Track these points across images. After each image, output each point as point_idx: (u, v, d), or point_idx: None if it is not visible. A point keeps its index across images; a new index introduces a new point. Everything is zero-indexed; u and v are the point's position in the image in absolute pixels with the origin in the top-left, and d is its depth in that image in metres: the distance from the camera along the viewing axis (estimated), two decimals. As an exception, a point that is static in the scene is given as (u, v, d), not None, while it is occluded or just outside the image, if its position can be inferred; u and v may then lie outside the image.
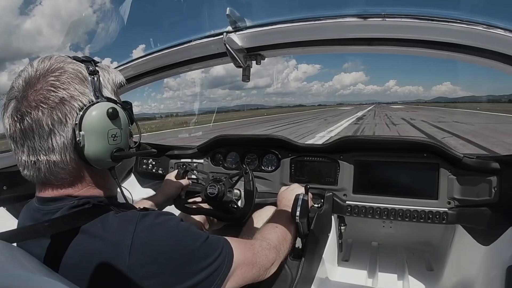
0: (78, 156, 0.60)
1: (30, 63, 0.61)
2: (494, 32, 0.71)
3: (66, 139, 0.58)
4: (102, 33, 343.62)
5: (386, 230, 1.88)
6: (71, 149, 0.59)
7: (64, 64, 0.60)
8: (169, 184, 1.31)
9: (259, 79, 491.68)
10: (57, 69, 0.59)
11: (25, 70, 0.59)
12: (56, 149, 0.58)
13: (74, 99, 0.58)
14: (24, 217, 0.68)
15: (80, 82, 0.60)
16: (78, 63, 0.63)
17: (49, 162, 0.58)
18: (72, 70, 0.60)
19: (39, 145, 0.57)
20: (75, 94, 0.59)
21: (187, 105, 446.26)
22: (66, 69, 0.60)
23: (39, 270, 0.52)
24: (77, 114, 0.58)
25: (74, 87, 0.59)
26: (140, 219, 0.59)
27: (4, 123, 0.59)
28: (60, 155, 0.58)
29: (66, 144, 0.58)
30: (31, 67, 0.59)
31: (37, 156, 0.58)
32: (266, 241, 0.88)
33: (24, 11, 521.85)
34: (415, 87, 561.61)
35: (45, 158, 0.58)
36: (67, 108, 0.58)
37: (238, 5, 0.93)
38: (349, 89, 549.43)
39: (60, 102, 0.57)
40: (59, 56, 0.62)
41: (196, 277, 0.59)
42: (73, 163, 0.60)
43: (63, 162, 0.59)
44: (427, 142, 1.34)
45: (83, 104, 0.59)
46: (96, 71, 0.64)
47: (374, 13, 0.77)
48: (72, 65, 0.61)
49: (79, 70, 0.61)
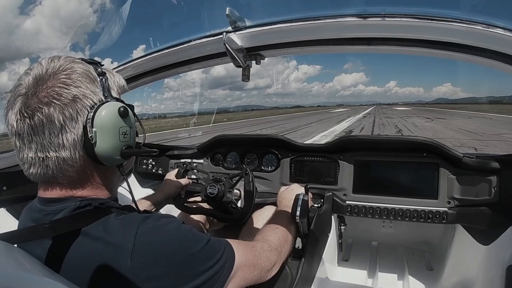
0: (86, 154, 0.61)
1: (39, 62, 0.61)
2: (494, 32, 0.71)
3: (76, 136, 0.59)
4: (102, 34, 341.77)
5: (386, 230, 1.88)
6: (81, 146, 0.60)
7: (73, 64, 0.62)
8: (169, 183, 1.31)
9: (260, 79, 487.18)
10: (68, 68, 0.60)
11: (35, 68, 0.60)
12: (66, 145, 0.58)
13: (86, 97, 0.60)
14: (25, 218, 0.68)
15: (90, 81, 0.62)
16: (87, 65, 0.64)
17: (58, 159, 0.58)
18: (82, 70, 0.62)
19: (49, 141, 0.58)
20: (87, 92, 0.60)
21: (187, 105, 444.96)
22: (76, 68, 0.61)
23: (40, 271, 0.52)
24: (88, 111, 0.60)
25: (85, 86, 0.60)
26: (142, 222, 0.59)
27: (10, 120, 0.58)
28: (70, 151, 0.59)
29: (76, 141, 0.59)
30: (40, 65, 0.60)
31: (46, 152, 0.58)
32: (267, 242, 0.88)
33: (24, 11, 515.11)
34: (416, 88, 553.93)
35: (55, 155, 0.58)
36: (79, 105, 0.59)
37: (238, 5, 0.93)
38: (349, 90, 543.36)
39: (73, 99, 0.58)
40: (68, 57, 0.63)
41: (197, 280, 0.59)
42: (81, 160, 0.61)
43: (72, 159, 0.59)
44: (427, 141, 1.34)
45: (94, 102, 0.61)
46: (104, 72, 0.66)
47: (373, 12, 0.77)
48: (81, 65, 0.63)
49: (88, 71, 0.63)
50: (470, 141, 11.69)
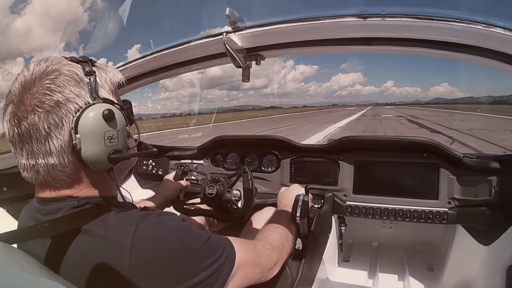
0: (76, 159, 0.59)
1: (27, 66, 0.61)
2: (494, 31, 0.71)
3: (63, 142, 0.58)
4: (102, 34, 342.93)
5: (386, 230, 1.88)
6: (69, 151, 0.59)
7: (60, 66, 0.60)
8: (167, 186, 1.30)
9: (256, 79, 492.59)
10: (53, 72, 0.58)
11: (22, 74, 0.59)
12: (54, 152, 0.57)
13: (69, 102, 0.58)
14: (24, 217, 0.67)
15: (75, 84, 0.60)
16: (75, 64, 0.62)
17: (47, 165, 0.58)
18: (68, 72, 0.60)
19: (37, 148, 0.57)
20: (70, 96, 0.58)
21: (184, 105, 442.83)
22: (62, 71, 0.59)
23: (39, 271, 0.52)
24: (73, 116, 0.58)
25: (69, 90, 0.58)
26: (141, 219, 0.58)
27: (3, 127, 0.59)
28: (58, 158, 0.58)
29: (63, 147, 0.58)
30: (27, 70, 0.59)
31: (36, 159, 0.58)
32: (268, 241, 0.88)
33: (14, 10, 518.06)
34: (413, 88, 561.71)
35: (43, 162, 0.58)
36: (63, 111, 0.57)
37: (238, 5, 0.93)
38: (346, 90, 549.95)
39: (56, 105, 0.57)
40: (55, 58, 0.61)
41: (197, 277, 0.59)
42: (71, 165, 0.60)
43: (61, 164, 0.58)
44: (427, 142, 1.34)
45: (79, 106, 0.58)
46: (93, 71, 0.63)
47: (373, 12, 0.78)
48: (68, 66, 0.61)
49: (74, 72, 0.61)
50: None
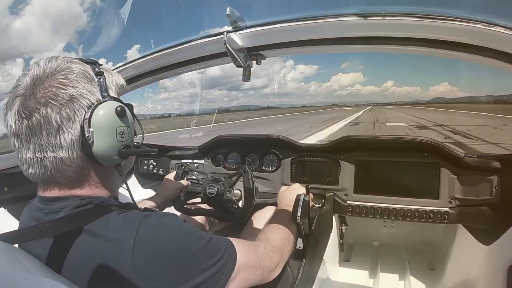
0: (84, 154, 0.61)
1: (36, 63, 0.62)
2: (495, 30, 0.71)
3: (73, 136, 0.59)
4: (101, 34, 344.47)
5: (387, 230, 1.88)
6: (78, 146, 0.60)
7: (71, 64, 0.62)
8: (168, 186, 1.31)
9: (256, 79, 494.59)
10: (65, 68, 0.60)
11: (33, 69, 0.60)
12: (63, 145, 0.58)
13: (83, 97, 0.60)
14: (25, 217, 0.68)
15: (88, 81, 0.62)
16: (84, 64, 0.64)
17: (56, 159, 0.59)
18: (80, 70, 0.62)
19: (47, 141, 0.58)
20: (84, 92, 0.60)
21: (184, 106, 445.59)
22: (74, 68, 0.61)
23: (40, 271, 0.52)
24: (85, 111, 0.60)
25: (83, 85, 0.61)
26: (143, 219, 0.59)
27: (8, 120, 0.59)
28: (67, 151, 0.59)
29: (73, 141, 0.59)
30: (38, 66, 0.60)
31: (44, 153, 0.58)
32: (270, 243, 0.88)
33: (14, 10, 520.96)
34: (413, 87, 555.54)
35: (52, 155, 0.58)
36: (76, 105, 0.59)
37: (238, 5, 0.93)
38: (346, 90, 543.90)
39: (70, 99, 0.58)
40: (65, 57, 0.63)
41: (198, 278, 0.59)
42: (79, 160, 0.61)
43: (70, 159, 0.59)
44: (428, 141, 1.34)
45: (91, 102, 0.61)
46: (102, 72, 0.66)
47: (374, 12, 0.77)
48: (78, 65, 0.63)
49: (86, 70, 0.63)
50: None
